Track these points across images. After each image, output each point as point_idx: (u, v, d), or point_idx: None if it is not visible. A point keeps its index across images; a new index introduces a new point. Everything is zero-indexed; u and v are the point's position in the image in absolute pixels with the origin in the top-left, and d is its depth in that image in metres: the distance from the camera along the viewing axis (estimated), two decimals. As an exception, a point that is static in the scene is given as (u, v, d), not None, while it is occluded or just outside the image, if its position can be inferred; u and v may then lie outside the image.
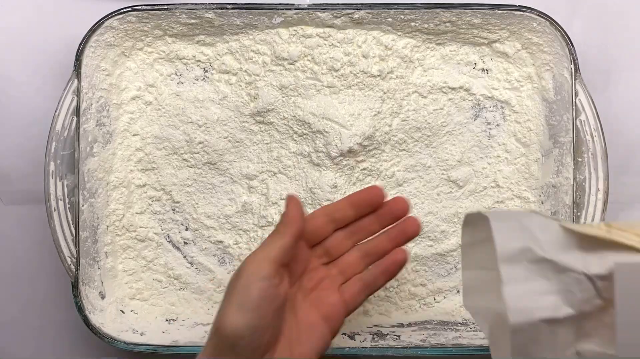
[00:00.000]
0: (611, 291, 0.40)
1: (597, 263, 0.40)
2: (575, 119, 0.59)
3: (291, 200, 0.48)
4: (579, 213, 0.59)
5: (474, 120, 0.65)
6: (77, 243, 0.59)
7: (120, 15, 0.60)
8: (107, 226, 0.63)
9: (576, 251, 0.41)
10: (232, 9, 0.60)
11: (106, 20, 0.60)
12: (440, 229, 0.64)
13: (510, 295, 0.40)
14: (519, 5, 0.60)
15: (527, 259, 0.41)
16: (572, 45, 0.59)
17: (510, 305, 0.40)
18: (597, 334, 0.42)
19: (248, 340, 0.42)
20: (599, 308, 0.41)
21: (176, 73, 0.65)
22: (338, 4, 0.60)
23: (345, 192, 0.62)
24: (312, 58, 0.61)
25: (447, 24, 0.61)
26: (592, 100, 0.59)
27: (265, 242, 0.46)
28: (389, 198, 0.52)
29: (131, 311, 0.64)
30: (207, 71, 0.64)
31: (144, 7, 0.60)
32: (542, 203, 0.63)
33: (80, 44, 0.59)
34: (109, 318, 0.62)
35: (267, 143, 0.64)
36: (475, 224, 0.48)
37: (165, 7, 0.60)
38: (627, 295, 0.39)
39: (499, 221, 0.42)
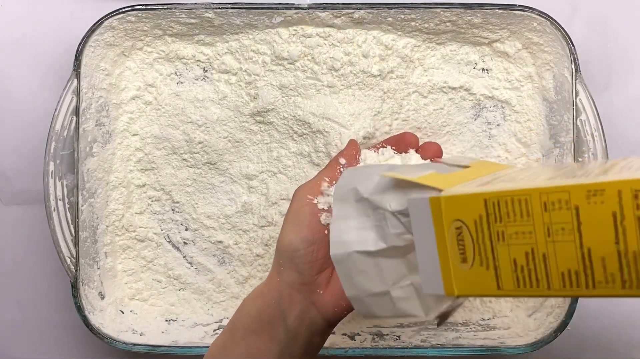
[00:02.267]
0: None
1: (396, 201, 0.42)
2: (576, 119, 0.59)
3: (352, 142, 0.54)
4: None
5: (475, 120, 0.64)
6: (76, 243, 0.59)
7: (120, 15, 0.60)
8: (107, 226, 0.63)
9: (385, 191, 0.44)
10: (232, 8, 0.60)
11: (106, 20, 0.60)
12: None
13: (334, 230, 0.45)
14: (519, 5, 0.60)
15: (353, 199, 0.45)
16: (573, 45, 0.59)
17: (332, 239, 0.45)
18: None
19: (303, 253, 0.47)
20: (410, 242, 0.43)
21: (176, 73, 0.64)
22: (338, 3, 0.60)
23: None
24: (312, 58, 0.61)
25: (448, 24, 0.61)
26: (592, 100, 0.59)
27: (316, 175, 0.52)
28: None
29: (131, 311, 0.64)
30: (207, 71, 0.64)
31: (144, 7, 0.60)
32: (543, 203, 0.63)
33: (80, 43, 0.59)
34: (108, 318, 0.62)
35: (267, 143, 0.63)
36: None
37: (165, 6, 0.60)
38: (420, 230, 0.40)
39: (350, 171, 0.47)
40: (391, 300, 0.44)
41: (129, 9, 0.60)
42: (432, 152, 0.56)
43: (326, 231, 0.48)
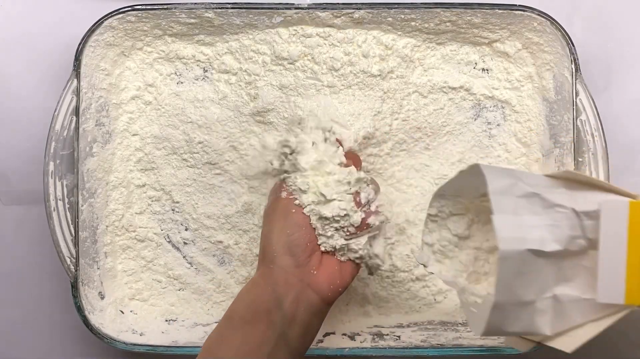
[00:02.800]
0: (596, 232, 0.41)
1: (583, 201, 0.40)
2: (576, 119, 0.59)
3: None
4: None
5: (475, 120, 0.64)
6: (76, 243, 0.59)
7: (120, 15, 0.60)
8: (107, 226, 0.63)
9: (563, 189, 0.41)
10: (232, 8, 0.60)
11: (105, 19, 0.60)
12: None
13: (500, 224, 0.40)
14: (519, 5, 0.60)
15: (516, 194, 0.41)
16: (573, 45, 0.59)
17: (501, 234, 0.40)
18: (576, 278, 0.42)
19: (297, 236, 0.50)
20: (581, 249, 0.41)
21: (176, 73, 0.64)
22: (338, 3, 0.60)
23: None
24: (312, 58, 0.61)
25: (448, 24, 0.61)
26: (592, 100, 0.59)
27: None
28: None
29: (131, 311, 0.64)
30: (206, 71, 0.64)
31: (144, 7, 0.60)
32: (543, 203, 0.63)
33: (80, 43, 0.59)
34: (108, 318, 0.62)
35: (267, 143, 0.63)
36: (443, 194, 0.49)
37: (165, 6, 0.60)
38: (611, 234, 0.39)
39: (487, 167, 0.43)
40: (532, 312, 0.42)
41: (129, 9, 0.60)
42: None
43: (307, 215, 0.51)
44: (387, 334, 0.62)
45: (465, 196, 0.50)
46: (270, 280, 0.50)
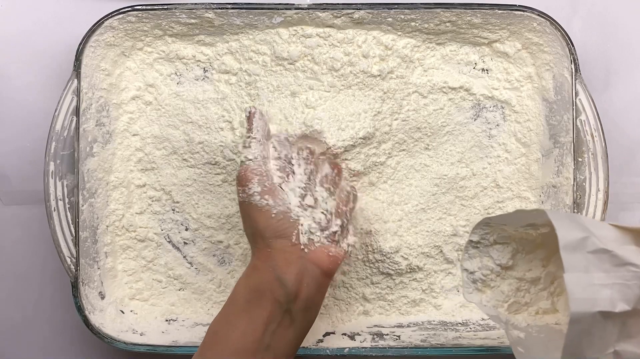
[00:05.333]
0: None
1: None
2: (576, 119, 0.59)
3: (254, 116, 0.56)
4: (579, 214, 0.59)
5: (474, 120, 0.64)
6: (76, 243, 0.59)
7: (120, 15, 0.60)
8: (107, 226, 0.63)
9: (633, 246, 0.41)
10: (232, 8, 0.60)
11: (106, 20, 0.60)
12: (441, 228, 0.64)
13: (572, 284, 0.40)
14: (519, 5, 0.60)
15: (587, 249, 0.41)
16: (573, 45, 0.59)
17: (573, 295, 0.40)
18: (639, 335, 0.42)
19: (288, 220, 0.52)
20: None
21: (176, 73, 0.64)
22: (338, 4, 0.60)
23: (345, 192, 0.62)
24: (312, 58, 0.61)
25: (447, 24, 0.61)
26: (592, 100, 0.59)
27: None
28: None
29: (131, 311, 0.64)
30: (207, 71, 0.64)
31: (144, 7, 0.60)
32: (543, 203, 0.63)
33: (80, 43, 0.59)
34: (108, 318, 0.62)
35: (267, 143, 0.63)
36: (488, 222, 0.49)
37: (165, 7, 0.60)
38: None
39: (555, 214, 0.42)
40: None
41: (129, 9, 0.60)
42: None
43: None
44: (387, 334, 0.62)
45: (511, 225, 0.49)
46: (269, 262, 0.51)
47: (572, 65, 0.59)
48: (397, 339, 0.62)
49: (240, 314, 0.50)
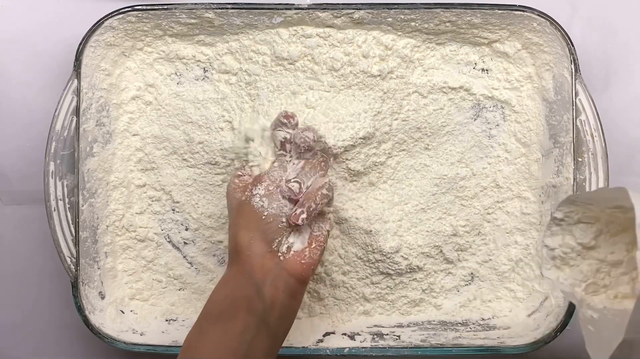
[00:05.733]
0: None
1: None
2: (576, 119, 0.59)
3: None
4: None
5: (474, 120, 0.65)
6: (77, 243, 0.59)
7: (120, 15, 0.60)
8: (107, 226, 0.63)
9: None
10: (232, 8, 0.60)
11: (106, 20, 0.60)
12: (441, 228, 0.64)
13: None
14: (519, 5, 0.60)
15: None
16: (572, 45, 0.59)
17: (635, 320, 0.40)
18: None
19: (272, 219, 0.52)
20: None
21: (176, 73, 0.64)
22: (338, 4, 0.60)
23: (344, 192, 0.62)
24: (312, 58, 0.61)
25: (447, 24, 0.61)
26: (592, 100, 0.59)
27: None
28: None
29: (131, 311, 0.64)
30: (207, 71, 0.64)
31: (144, 7, 0.60)
32: (542, 203, 0.63)
33: (80, 43, 0.59)
34: (108, 318, 0.62)
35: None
36: (575, 200, 0.48)
37: (165, 7, 0.60)
38: None
39: (636, 194, 0.42)
40: None
41: (129, 9, 0.60)
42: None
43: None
44: (387, 334, 0.62)
45: (598, 205, 0.49)
46: (246, 268, 0.51)
47: (572, 65, 0.59)
48: (397, 339, 0.62)
49: (215, 325, 0.50)
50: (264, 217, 0.52)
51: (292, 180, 0.54)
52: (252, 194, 0.53)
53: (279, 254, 0.52)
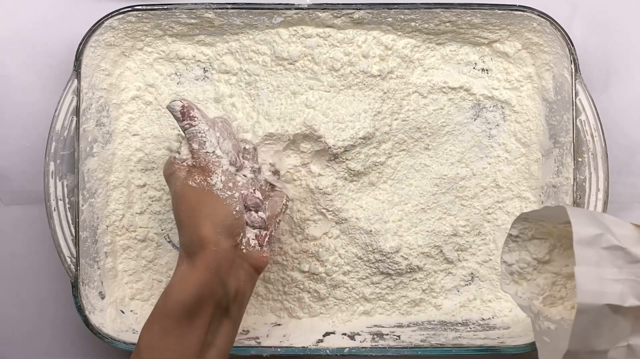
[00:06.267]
0: None
1: None
2: (576, 119, 0.59)
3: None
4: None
5: (474, 120, 0.65)
6: (77, 243, 0.59)
7: (120, 15, 0.60)
8: (107, 226, 0.63)
9: None
10: (232, 8, 0.60)
11: (106, 20, 0.60)
12: (441, 228, 0.64)
13: (581, 276, 0.42)
14: (519, 5, 0.60)
15: (601, 245, 0.42)
16: (572, 45, 0.59)
17: (581, 286, 0.41)
18: None
19: (238, 216, 0.53)
20: None
21: (176, 73, 0.64)
22: (338, 4, 0.60)
23: (344, 192, 0.62)
24: (312, 58, 0.61)
25: (447, 24, 0.61)
26: (592, 100, 0.59)
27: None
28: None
29: (131, 311, 0.64)
30: (207, 71, 0.64)
31: (144, 7, 0.60)
32: (542, 203, 0.63)
33: (80, 43, 0.59)
34: (108, 318, 0.62)
35: (267, 143, 0.63)
36: (527, 217, 0.50)
37: (165, 7, 0.60)
38: None
39: (575, 210, 0.44)
40: None
41: (130, 9, 0.60)
42: None
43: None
44: (387, 334, 0.62)
45: (549, 221, 0.50)
46: (213, 265, 0.51)
47: (572, 65, 0.59)
48: (397, 339, 0.62)
49: (179, 323, 0.50)
50: (234, 212, 0.52)
51: (259, 214, 0.54)
52: (211, 184, 0.52)
53: (242, 247, 0.53)
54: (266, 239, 0.55)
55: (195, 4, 0.60)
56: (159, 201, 0.65)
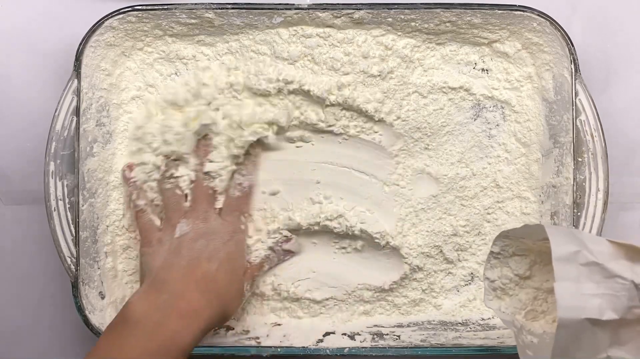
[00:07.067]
0: None
1: None
2: (576, 119, 0.59)
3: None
4: (579, 213, 0.59)
5: (474, 120, 0.65)
6: (77, 243, 0.59)
7: (120, 15, 0.60)
8: (107, 226, 0.63)
9: (624, 261, 0.44)
10: (232, 8, 0.60)
11: (106, 20, 0.60)
12: (441, 228, 0.64)
13: (561, 292, 0.43)
14: (519, 5, 0.60)
15: (579, 261, 0.44)
16: (572, 45, 0.59)
17: (561, 302, 0.43)
18: (630, 342, 0.45)
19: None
20: (638, 318, 0.44)
21: (176, 74, 0.64)
22: (338, 4, 0.60)
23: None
24: (312, 58, 0.62)
25: (447, 24, 0.61)
26: (592, 100, 0.59)
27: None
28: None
29: (131, 311, 0.64)
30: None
31: (144, 7, 0.60)
32: (542, 203, 0.63)
33: (80, 43, 0.59)
34: (109, 318, 0.61)
35: (267, 143, 0.64)
36: (507, 235, 0.52)
37: (165, 7, 0.60)
38: None
39: (552, 229, 0.46)
40: None
41: (130, 9, 0.60)
42: None
43: None
44: (387, 334, 0.62)
45: (529, 238, 0.52)
46: (218, 301, 0.57)
47: (572, 65, 0.59)
48: (397, 339, 0.62)
49: (142, 331, 0.54)
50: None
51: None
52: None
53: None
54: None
55: (195, 4, 0.60)
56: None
